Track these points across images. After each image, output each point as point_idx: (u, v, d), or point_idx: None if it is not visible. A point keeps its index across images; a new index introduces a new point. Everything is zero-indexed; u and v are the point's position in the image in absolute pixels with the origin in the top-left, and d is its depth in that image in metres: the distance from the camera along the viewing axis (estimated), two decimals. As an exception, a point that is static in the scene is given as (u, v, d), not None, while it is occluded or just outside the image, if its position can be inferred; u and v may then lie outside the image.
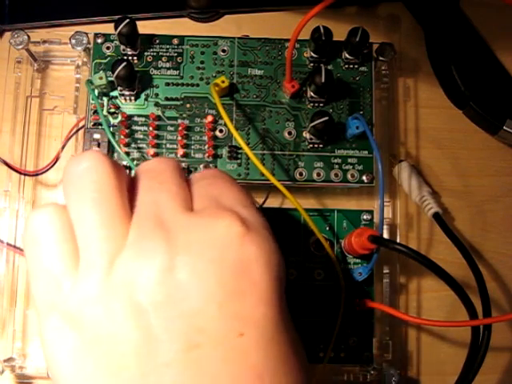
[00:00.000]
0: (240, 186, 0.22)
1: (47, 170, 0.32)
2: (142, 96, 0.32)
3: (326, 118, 0.30)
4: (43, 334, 0.19)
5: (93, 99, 0.32)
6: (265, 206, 0.32)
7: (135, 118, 0.32)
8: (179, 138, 0.32)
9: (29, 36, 0.32)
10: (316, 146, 0.32)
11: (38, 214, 0.19)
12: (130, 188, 0.20)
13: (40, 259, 0.19)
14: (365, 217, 0.32)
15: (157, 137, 0.32)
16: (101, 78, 0.31)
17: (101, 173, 0.19)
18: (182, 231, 0.18)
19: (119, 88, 0.31)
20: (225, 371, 0.17)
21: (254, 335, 0.18)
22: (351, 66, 0.33)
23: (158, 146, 0.32)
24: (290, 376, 0.18)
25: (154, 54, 0.33)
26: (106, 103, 0.32)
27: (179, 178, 0.21)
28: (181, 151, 0.31)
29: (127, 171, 0.31)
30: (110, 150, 0.31)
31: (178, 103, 0.32)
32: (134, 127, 0.32)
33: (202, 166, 0.32)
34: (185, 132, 0.32)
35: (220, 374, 0.17)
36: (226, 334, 0.17)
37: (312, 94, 0.32)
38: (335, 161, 0.32)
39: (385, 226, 0.32)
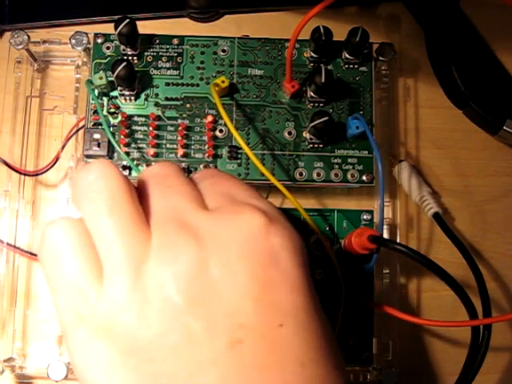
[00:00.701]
0: (242, 181, 0.23)
1: (47, 169, 0.32)
2: (142, 96, 0.32)
3: (326, 118, 0.30)
4: (73, 351, 0.18)
5: (93, 99, 0.31)
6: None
7: (135, 118, 0.32)
8: (179, 137, 0.32)
9: (29, 36, 0.32)
10: (316, 146, 0.32)
11: (52, 227, 0.19)
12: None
13: (61, 273, 0.19)
14: (365, 217, 0.32)
15: (157, 137, 0.32)
16: (101, 78, 0.31)
17: (112, 180, 0.19)
18: (208, 230, 0.19)
19: (119, 88, 0.31)
20: (270, 363, 0.17)
21: (292, 324, 0.18)
22: (351, 66, 0.33)
23: (158, 145, 0.32)
24: (328, 362, 0.18)
25: (154, 54, 0.33)
26: (106, 103, 0.32)
27: (185, 179, 0.21)
28: (181, 151, 0.31)
29: (127, 171, 0.31)
30: (110, 150, 0.31)
31: (178, 103, 0.32)
32: (134, 127, 0.32)
33: (201, 166, 0.32)
34: (185, 132, 0.32)
35: (266, 366, 0.17)
36: (266, 326, 0.17)
37: (312, 93, 0.32)
38: (335, 161, 0.32)
39: (385, 226, 0.32)
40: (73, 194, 0.20)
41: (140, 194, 0.20)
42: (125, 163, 0.31)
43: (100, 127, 0.31)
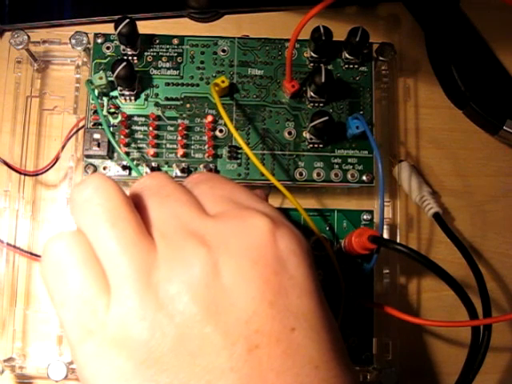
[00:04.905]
0: (239, 184, 0.22)
1: (47, 169, 0.32)
2: (142, 96, 0.32)
3: (326, 118, 0.30)
4: (82, 365, 0.18)
5: (93, 99, 0.31)
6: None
7: (135, 118, 0.32)
8: (179, 138, 0.32)
9: (29, 36, 0.32)
10: (316, 146, 0.32)
11: (55, 241, 0.19)
12: None
13: (67, 286, 0.18)
14: (365, 217, 0.32)
15: (157, 137, 0.32)
16: (101, 78, 0.31)
17: (111, 192, 0.19)
18: (215, 236, 0.18)
19: (119, 88, 0.31)
20: (286, 366, 0.17)
21: (305, 328, 0.18)
22: (351, 66, 0.33)
23: (158, 146, 0.32)
24: (340, 362, 0.18)
25: (154, 53, 0.33)
26: (105, 103, 0.32)
27: (180, 187, 0.21)
28: (181, 151, 0.31)
29: (127, 171, 0.31)
30: (110, 150, 0.31)
31: (178, 103, 0.32)
32: (134, 127, 0.32)
33: (201, 166, 0.32)
34: (185, 132, 0.32)
35: (283, 369, 0.17)
36: (281, 330, 0.18)
37: (312, 94, 0.32)
38: (335, 161, 0.32)
39: (385, 226, 0.32)
40: (71, 208, 0.20)
41: (136, 206, 0.20)
42: (125, 163, 0.31)
43: (100, 127, 0.31)
